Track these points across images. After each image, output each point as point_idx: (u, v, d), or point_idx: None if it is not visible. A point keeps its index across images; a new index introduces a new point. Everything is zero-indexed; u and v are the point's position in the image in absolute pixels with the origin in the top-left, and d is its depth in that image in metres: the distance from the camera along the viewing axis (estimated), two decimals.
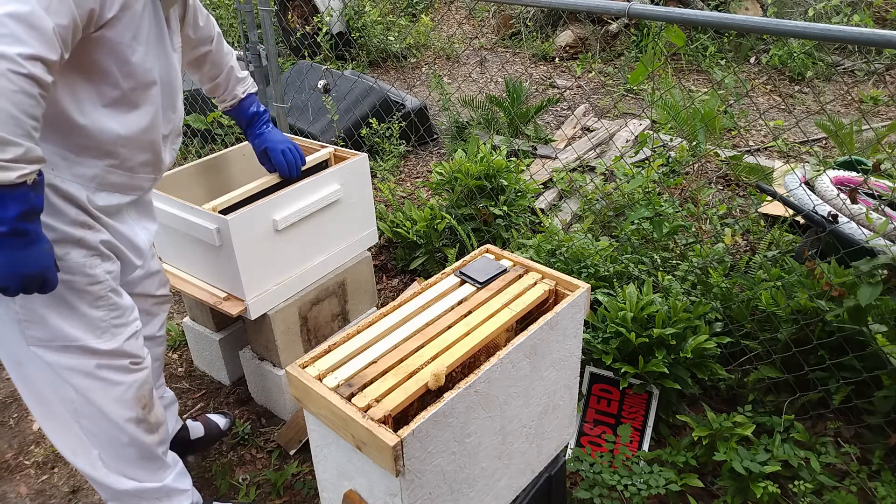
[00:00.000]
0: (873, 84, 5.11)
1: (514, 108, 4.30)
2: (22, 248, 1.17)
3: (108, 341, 1.51)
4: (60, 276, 1.36)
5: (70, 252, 1.40)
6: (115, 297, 1.51)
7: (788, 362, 2.11)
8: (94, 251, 1.45)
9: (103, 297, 1.48)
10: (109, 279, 1.49)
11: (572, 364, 1.47)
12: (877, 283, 1.85)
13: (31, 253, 1.19)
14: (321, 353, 1.23)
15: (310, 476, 2.09)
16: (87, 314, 1.46)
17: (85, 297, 1.45)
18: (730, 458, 1.84)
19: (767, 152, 4.12)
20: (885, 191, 2.73)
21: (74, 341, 1.46)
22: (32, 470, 2.20)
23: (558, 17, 6.44)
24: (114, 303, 1.51)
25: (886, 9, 5.71)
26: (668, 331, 2.02)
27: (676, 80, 5.03)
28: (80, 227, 1.41)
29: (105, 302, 1.49)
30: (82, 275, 1.43)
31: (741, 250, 2.95)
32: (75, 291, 1.43)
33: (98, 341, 1.49)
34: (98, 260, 1.46)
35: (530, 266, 1.48)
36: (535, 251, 2.52)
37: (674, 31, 2.15)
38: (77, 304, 1.44)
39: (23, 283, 1.20)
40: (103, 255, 1.48)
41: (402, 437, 1.02)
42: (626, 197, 2.98)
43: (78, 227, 1.41)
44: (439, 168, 3.11)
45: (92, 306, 1.47)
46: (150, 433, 1.65)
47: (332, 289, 2.26)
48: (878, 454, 1.92)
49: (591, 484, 1.89)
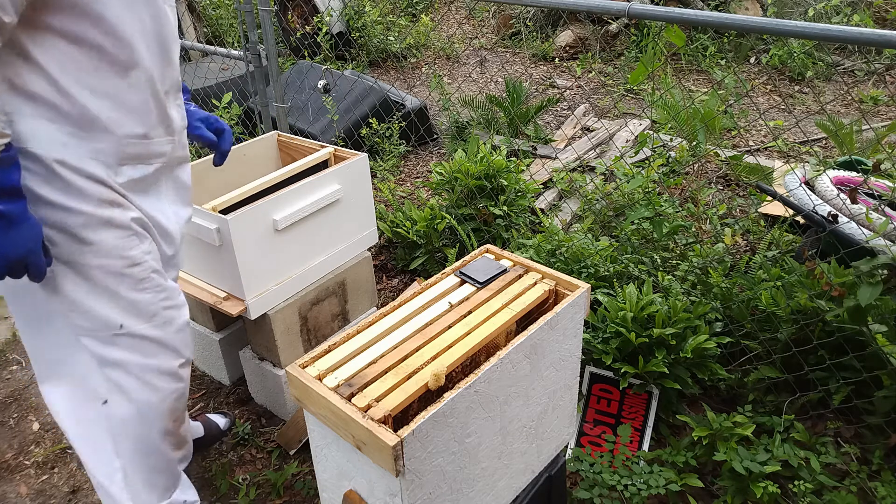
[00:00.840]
0: (873, 84, 5.11)
1: (514, 108, 4.30)
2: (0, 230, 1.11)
3: (159, 327, 1.39)
4: (96, 261, 1.28)
5: (101, 234, 1.28)
6: (158, 278, 1.38)
7: (788, 362, 2.11)
8: (128, 230, 1.32)
9: (145, 278, 1.35)
10: (150, 259, 1.36)
11: (572, 364, 1.47)
12: (877, 283, 1.85)
13: (11, 236, 1.12)
14: (321, 353, 1.23)
15: (310, 476, 2.09)
16: (131, 298, 1.35)
17: (125, 280, 1.33)
18: (730, 458, 1.84)
19: (767, 152, 4.12)
20: (885, 191, 2.73)
21: (122, 329, 1.35)
22: (32, 470, 2.20)
23: (558, 17, 6.44)
24: (159, 284, 1.38)
25: (886, 9, 5.71)
26: (668, 331, 2.02)
27: (676, 80, 5.03)
28: (108, 206, 1.29)
29: (149, 283, 1.36)
30: (118, 257, 1.31)
31: (741, 250, 2.95)
32: (114, 275, 1.32)
33: (146, 326, 1.37)
34: (135, 240, 1.33)
35: (530, 266, 1.48)
36: (535, 251, 2.52)
37: (674, 31, 2.15)
38: (118, 289, 1.33)
39: (5, 266, 1.14)
40: (138, 234, 1.35)
41: (402, 437, 1.02)
42: (626, 197, 2.98)
43: (105, 207, 1.28)
44: (439, 168, 3.11)
45: (135, 290, 1.35)
46: (177, 448, 1.58)
47: (332, 289, 2.26)
48: (878, 454, 1.92)
49: (591, 484, 1.89)
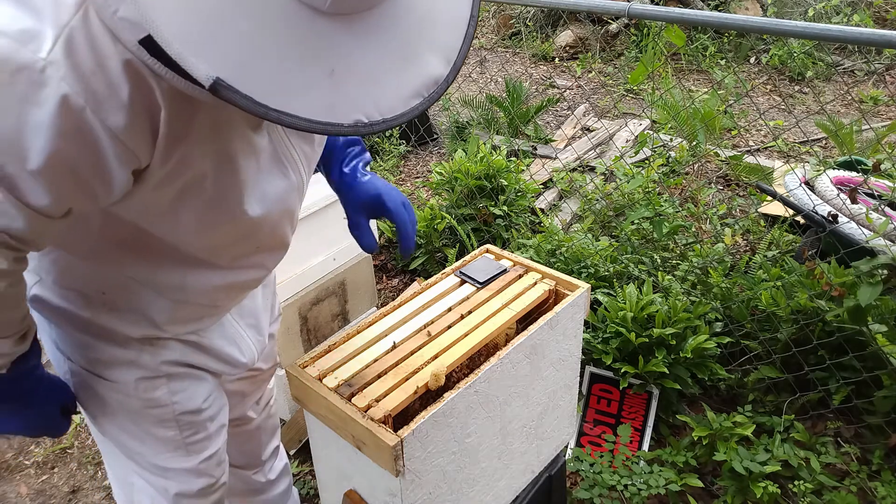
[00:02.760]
0: (873, 84, 5.11)
1: (514, 108, 4.30)
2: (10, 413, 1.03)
3: (182, 459, 1.22)
4: (116, 397, 1.14)
5: (119, 372, 1.11)
6: (188, 416, 1.19)
7: (788, 362, 2.11)
8: (153, 373, 1.13)
9: (168, 420, 1.17)
10: (179, 401, 1.17)
11: (572, 364, 1.47)
12: (877, 282, 1.85)
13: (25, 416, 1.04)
14: (321, 353, 1.23)
15: (310, 476, 2.09)
16: (153, 433, 1.19)
17: (145, 418, 1.16)
18: (730, 457, 1.84)
19: (767, 152, 4.11)
20: (885, 191, 2.73)
21: (144, 458, 1.21)
22: (32, 470, 2.20)
23: (558, 17, 6.44)
24: (188, 422, 1.20)
25: (886, 9, 5.71)
26: (668, 331, 2.02)
27: (676, 80, 5.03)
28: (137, 347, 1.10)
29: (173, 424, 1.18)
30: (136, 398, 1.13)
31: (741, 250, 2.95)
32: (132, 413, 1.16)
33: (169, 458, 1.21)
34: (161, 381, 1.14)
35: (530, 266, 1.48)
36: (535, 251, 2.52)
37: (674, 31, 2.16)
38: (140, 424, 1.17)
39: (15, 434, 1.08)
40: (169, 375, 1.15)
41: (402, 437, 1.02)
42: (626, 197, 2.98)
43: (133, 348, 1.10)
44: (439, 168, 3.11)
45: (156, 426, 1.18)
46: None
47: (332, 289, 2.26)
48: (878, 454, 1.91)
49: (591, 484, 1.89)
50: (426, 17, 0.77)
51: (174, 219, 0.91)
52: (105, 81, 0.72)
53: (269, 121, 0.69)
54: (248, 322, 1.26)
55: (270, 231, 1.04)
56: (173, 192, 0.87)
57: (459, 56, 0.81)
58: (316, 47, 0.69)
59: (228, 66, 0.66)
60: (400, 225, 1.22)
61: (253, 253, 1.07)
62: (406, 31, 0.75)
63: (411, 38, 0.76)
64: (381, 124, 0.74)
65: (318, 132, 0.70)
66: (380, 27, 0.73)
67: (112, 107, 0.74)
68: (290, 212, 1.06)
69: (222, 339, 1.21)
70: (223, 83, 0.65)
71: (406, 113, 0.75)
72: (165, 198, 0.88)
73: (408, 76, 0.76)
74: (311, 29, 0.68)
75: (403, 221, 1.22)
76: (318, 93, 0.70)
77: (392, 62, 0.74)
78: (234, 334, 1.23)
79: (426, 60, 0.77)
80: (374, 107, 0.73)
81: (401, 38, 0.75)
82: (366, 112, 0.72)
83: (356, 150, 1.25)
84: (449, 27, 0.80)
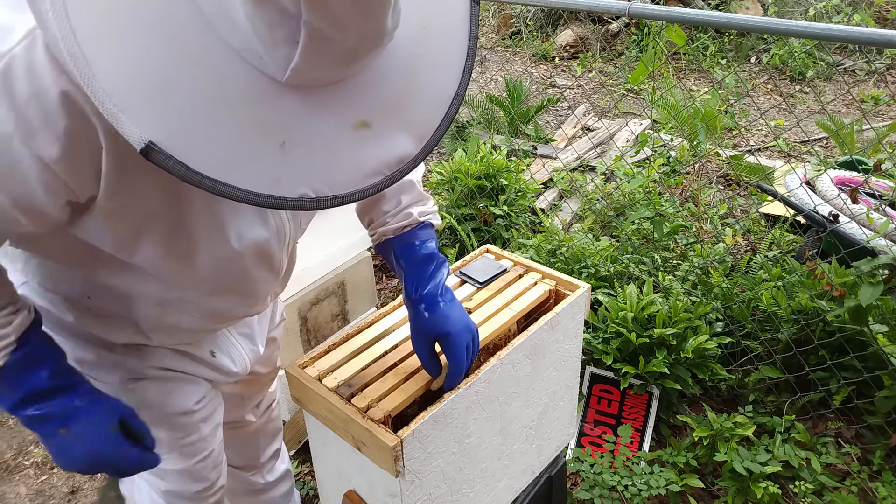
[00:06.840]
0: (874, 84, 5.11)
1: (515, 107, 4.30)
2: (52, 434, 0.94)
3: (177, 461, 1.21)
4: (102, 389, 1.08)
5: (106, 373, 1.09)
6: (179, 418, 1.18)
7: (789, 362, 2.10)
8: (138, 376, 1.10)
9: (159, 421, 1.15)
10: (169, 402, 1.15)
11: (572, 364, 1.47)
12: (877, 283, 1.85)
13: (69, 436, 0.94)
14: (321, 353, 1.23)
15: (310, 476, 2.09)
16: None
17: None
18: (730, 458, 1.84)
19: (768, 152, 4.11)
20: (885, 191, 2.72)
21: None
22: (32, 470, 2.20)
23: (558, 17, 6.43)
24: (181, 424, 1.18)
25: (887, 8, 5.70)
26: (668, 331, 2.02)
27: (677, 80, 5.03)
28: (122, 352, 1.08)
29: (164, 425, 1.16)
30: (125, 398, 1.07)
31: (742, 250, 2.95)
32: None
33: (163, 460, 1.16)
34: (148, 382, 1.12)
35: (530, 266, 1.47)
36: (535, 251, 2.52)
37: (674, 31, 2.15)
38: None
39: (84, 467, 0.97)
40: (153, 378, 1.12)
41: (401, 438, 1.02)
42: (626, 197, 2.97)
43: (118, 352, 1.08)
44: (439, 168, 3.10)
45: None
46: None
47: (331, 289, 2.25)
48: (878, 454, 1.91)
49: (591, 484, 1.89)
50: (403, 91, 0.74)
51: (139, 250, 0.89)
52: (40, 112, 0.70)
53: (203, 189, 0.65)
54: (241, 332, 1.24)
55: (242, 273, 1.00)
56: (129, 226, 0.85)
57: (435, 135, 0.77)
58: (268, 117, 0.67)
59: (166, 130, 0.63)
60: (454, 367, 1.13)
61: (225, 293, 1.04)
62: (375, 106, 0.72)
63: (381, 112, 0.72)
64: (329, 200, 0.71)
65: (259, 205, 0.67)
66: (343, 100, 0.70)
67: (46, 138, 0.71)
68: (266, 255, 1.02)
69: (212, 348, 1.18)
70: (156, 147, 0.63)
71: (362, 190, 0.71)
72: (124, 231, 0.86)
73: (369, 152, 0.72)
74: (265, 98, 0.66)
75: (459, 368, 1.13)
76: (266, 164, 0.67)
77: (352, 137, 0.71)
78: (226, 344, 1.21)
79: (394, 137, 0.74)
80: (325, 182, 0.70)
81: (368, 112, 0.71)
82: (314, 187, 0.69)
83: (431, 268, 1.16)
84: (429, 104, 0.77)
